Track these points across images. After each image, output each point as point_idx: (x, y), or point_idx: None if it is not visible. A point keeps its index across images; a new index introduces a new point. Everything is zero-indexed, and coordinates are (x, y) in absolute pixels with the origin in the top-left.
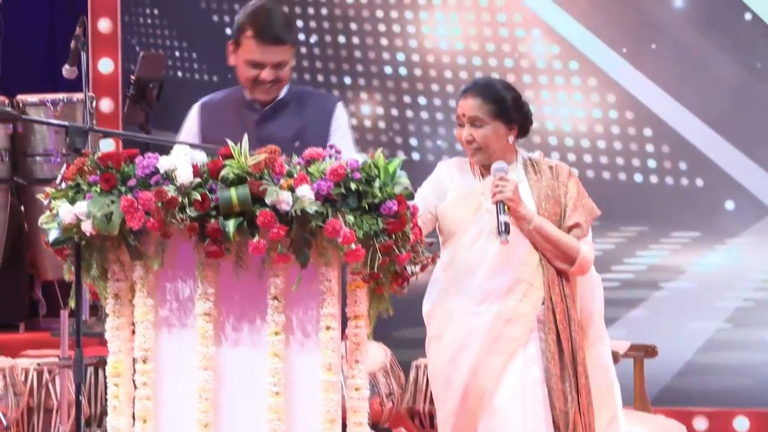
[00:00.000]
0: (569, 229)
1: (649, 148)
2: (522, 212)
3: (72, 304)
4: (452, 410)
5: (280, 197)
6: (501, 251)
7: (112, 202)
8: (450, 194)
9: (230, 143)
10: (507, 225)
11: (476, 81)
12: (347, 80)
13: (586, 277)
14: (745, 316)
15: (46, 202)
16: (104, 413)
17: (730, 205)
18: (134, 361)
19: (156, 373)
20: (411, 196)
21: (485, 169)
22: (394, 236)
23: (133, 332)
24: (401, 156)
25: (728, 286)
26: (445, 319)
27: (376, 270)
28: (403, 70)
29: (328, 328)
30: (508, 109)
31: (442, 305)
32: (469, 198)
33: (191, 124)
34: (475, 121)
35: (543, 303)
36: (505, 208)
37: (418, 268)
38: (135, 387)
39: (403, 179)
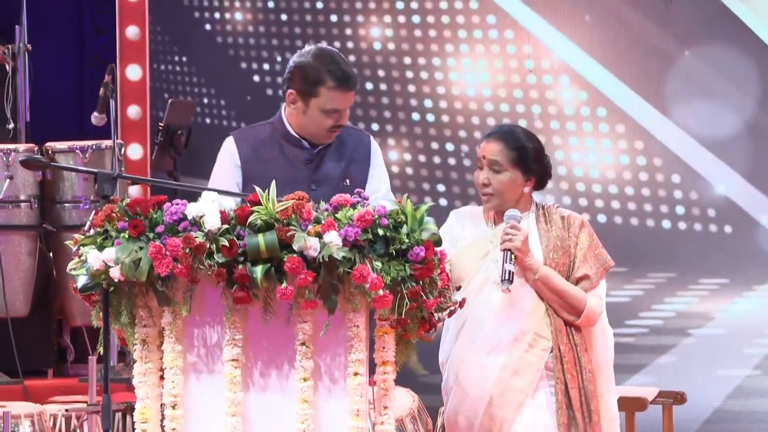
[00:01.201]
0: (577, 281)
1: (678, 194)
2: (528, 262)
3: (100, 349)
4: None
5: (308, 243)
6: (506, 301)
7: (140, 248)
8: (460, 242)
9: (258, 190)
10: (511, 274)
11: (501, 126)
12: (375, 126)
13: (597, 327)
14: None
15: (74, 249)
16: None
17: (759, 251)
18: (162, 406)
19: (185, 418)
20: (438, 242)
21: (498, 216)
22: (421, 282)
23: (161, 378)
24: (429, 202)
25: (757, 333)
26: (457, 369)
27: (403, 316)
28: (430, 117)
29: (356, 374)
30: (529, 158)
31: (453, 354)
32: (478, 245)
33: (229, 158)
34: (494, 165)
35: (551, 351)
36: (512, 257)
37: (445, 314)
38: None
39: (431, 225)
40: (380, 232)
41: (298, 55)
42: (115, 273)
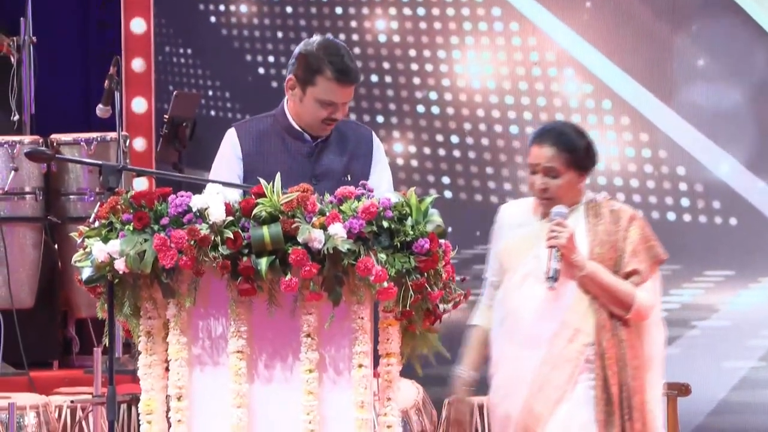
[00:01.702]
0: (627, 276)
1: (683, 186)
2: (574, 259)
3: (105, 341)
4: None
5: (313, 235)
6: (547, 295)
7: (145, 240)
8: (508, 235)
9: (263, 182)
10: (557, 272)
11: (550, 129)
12: (380, 119)
13: (647, 322)
14: None
15: (79, 241)
16: None
17: (764, 243)
18: (167, 398)
19: (190, 410)
20: (443, 234)
21: (548, 209)
22: (426, 274)
23: (166, 370)
24: (433, 194)
25: (762, 325)
26: (497, 362)
27: (408, 308)
28: (435, 109)
29: (360, 365)
30: (582, 158)
31: (496, 345)
32: (525, 240)
33: (231, 149)
34: (550, 171)
35: (592, 346)
36: (558, 254)
37: (450, 305)
38: (169, 424)
39: (436, 217)
40: (385, 224)
41: (304, 43)
42: (120, 265)
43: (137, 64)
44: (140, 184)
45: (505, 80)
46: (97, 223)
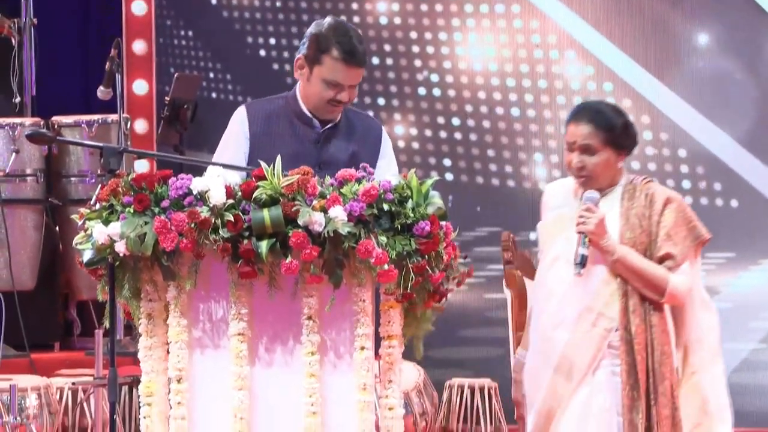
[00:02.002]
0: (661, 260)
1: (684, 168)
2: (604, 245)
3: (106, 323)
4: (533, 428)
5: (313, 218)
6: (575, 279)
7: (146, 223)
8: (547, 215)
9: (263, 165)
10: (584, 258)
11: (587, 106)
12: (381, 101)
13: (689, 304)
14: None
15: (80, 223)
16: None
17: (765, 225)
18: (168, 380)
19: (190, 392)
20: (444, 216)
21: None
22: (427, 257)
23: (167, 352)
24: (434, 176)
25: (763, 307)
26: (531, 342)
27: (409, 290)
28: (436, 91)
29: (362, 348)
30: (619, 135)
31: (530, 326)
32: (558, 221)
33: (239, 127)
34: (587, 149)
35: (617, 330)
36: (586, 240)
37: (454, 283)
38: (170, 407)
39: (436, 199)
40: (385, 206)
41: (315, 24)
42: (121, 247)
43: (138, 46)
44: (141, 166)
45: (506, 63)
46: (98, 206)
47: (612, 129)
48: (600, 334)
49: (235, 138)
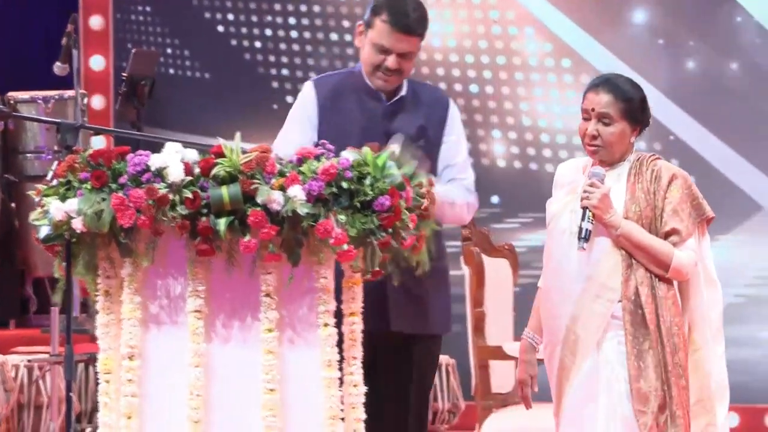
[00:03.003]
0: (666, 235)
1: (640, 145)
2: (608, 219)
3: (57, 299)
4: (554, 407)
5: (272, 197)
6: (579, 253)
7: (103, 199)
8: (557, 193)
9: (222, 141)
10: (588, 232)
11: (607, 77)
12: None
13: (694, 281)
14: (736, 312)
15: (37, 199)
16: (95, 410)
17: (721, 202)
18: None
19: (142, 369)
20: (402, 186)
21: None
22: (391, 230)
23: None
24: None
25: (720, 283)
26: (543, 318)
27: (377, 267)
28: None
29: (326, 324)
30: (636, 109)
31: (541, 302)
32: (568, 196)
33: (307, 103)
34: (604, 117)
35: (620, 301)
36: (590, 215)
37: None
38: None
39: (393, 170)
40: (345, 185)
41: None
42: (78, 224)
43: (95, 22)
44: (98, 142)
45: (465, 38)
46: (54, 182)
47: (631, 101)
48: (604, 305)
49: (299, 118)
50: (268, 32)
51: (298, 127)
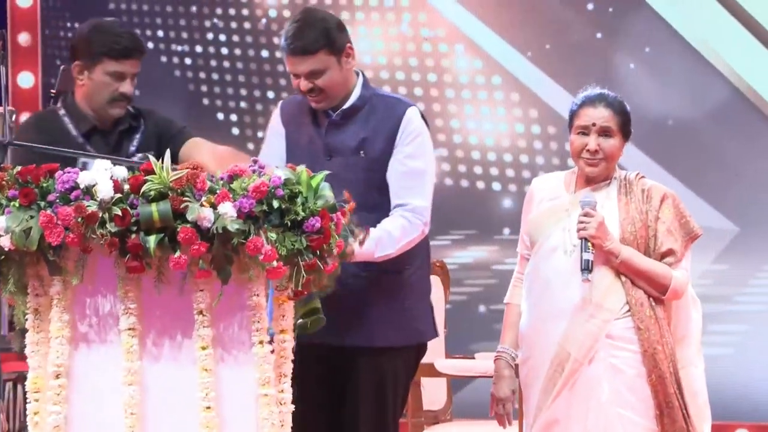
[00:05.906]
0: (662, 256)
1: (572, 163)
2: (608, 247)
3: None
4: (533, 422)
5: (202, 214)
6: (572, 270)
7: (32, 217)
8: (539, 207)
9: (152, 159)
10: (589, 263)
11: (601, 92)
12: (270, 94)
13: (684, 299)
14: None
15: None
16: (23, 429)
17: None
18: None
19: (69, 388)
20: (334, 209)
21: (580, 181)
22: (318, 252)
23: None
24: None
25: None
26: (524, 334)
27: (300, 288)
28: None
29: (261, 342)
30: (629, 122)
31: (523, 318)
32: (553, 212)
33: (274, 123)
34: (606, 131)
35: (615, 320)
36: (589, 245)
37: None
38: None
39: (326, 191)
40: (275, 203)
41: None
42: (5, 242)
43: (23, 38)
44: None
45: (395, 56)
46: None
47: (625, 114)
48: (597, 326)
49: (267, 140)
50: (213, 63)
51: (266, 145)
